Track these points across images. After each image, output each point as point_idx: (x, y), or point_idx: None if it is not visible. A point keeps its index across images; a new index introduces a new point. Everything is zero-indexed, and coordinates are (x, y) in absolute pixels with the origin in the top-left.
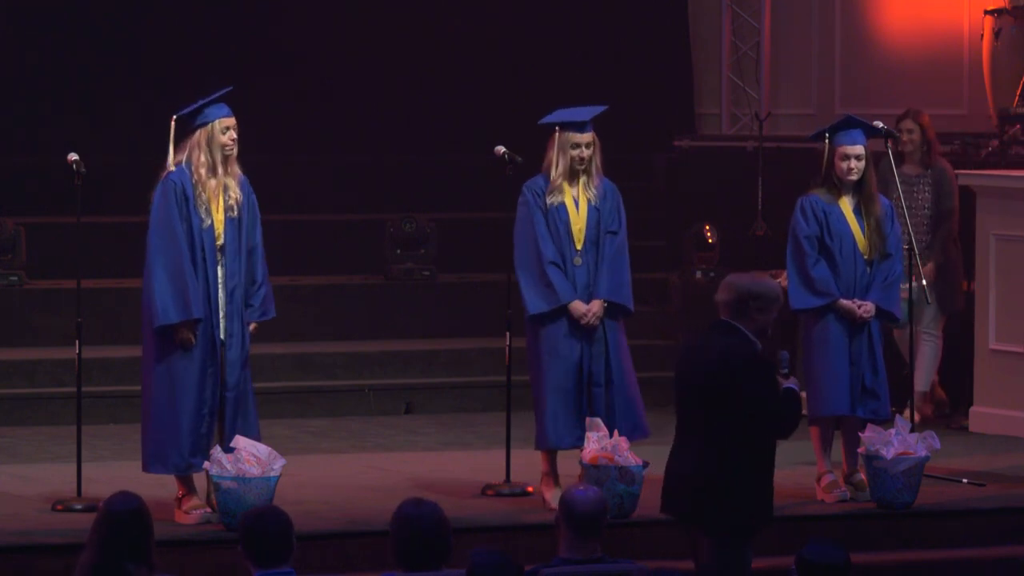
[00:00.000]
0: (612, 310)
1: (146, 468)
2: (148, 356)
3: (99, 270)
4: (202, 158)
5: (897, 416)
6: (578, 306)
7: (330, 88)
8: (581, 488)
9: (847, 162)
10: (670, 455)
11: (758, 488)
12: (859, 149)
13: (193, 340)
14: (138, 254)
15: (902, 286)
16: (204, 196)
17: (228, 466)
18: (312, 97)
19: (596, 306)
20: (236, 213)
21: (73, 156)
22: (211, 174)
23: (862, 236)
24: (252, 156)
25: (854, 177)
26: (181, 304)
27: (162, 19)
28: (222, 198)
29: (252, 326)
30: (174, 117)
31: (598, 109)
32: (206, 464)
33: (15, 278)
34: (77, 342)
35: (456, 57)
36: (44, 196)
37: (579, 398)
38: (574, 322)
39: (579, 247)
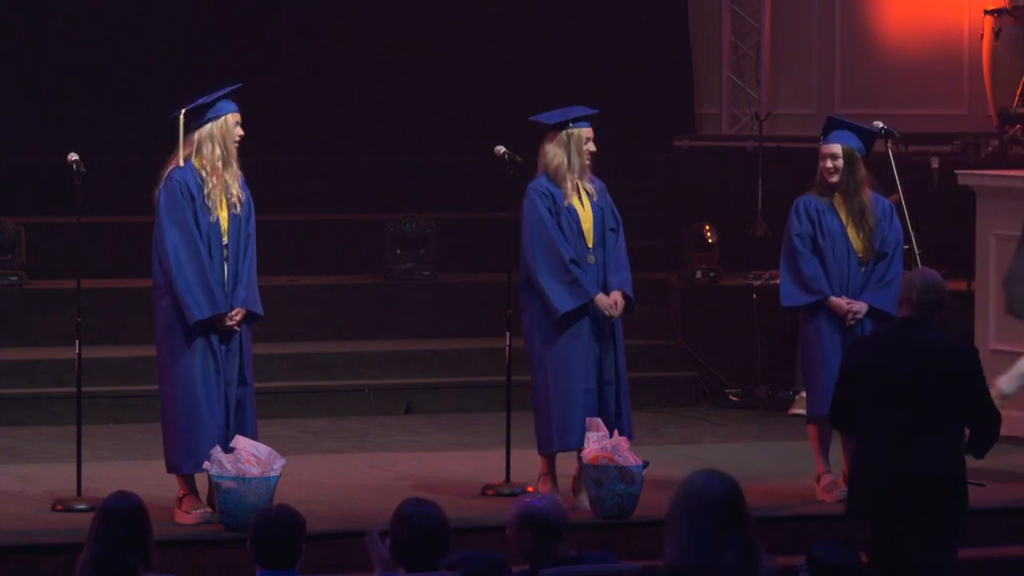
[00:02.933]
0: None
1: (176, 470)
2: (166, 356)
3: (99, 270)
4: (217, 151)
5: None
6: (603, 299)
7: (330, 88)
8: (537, 498)
9: (824, 162)
10: (879, 456)
11: (965, 480)
12: (835, 149)
13: (236, 328)
14: (138, 254)
15: None
16: (212, 191)
17: (228, 466)
18: (312, 97)
19: (619, 297)
20: (238, 211)
21: (73, 156)
22: (226, 168)
23: (856, 235)
24: (252, 156)
25: (834, 178)
26: (210, 298)
27: (162, 19)
28: (224, 195)
29: (238, 311)
30: (183, 111)
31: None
32: (206, 464)
33: (15, 278)
34: (77, 342)
35: (456, 57)
36: (44, 196)
37: (597, 396)
38: (594, 320)
39: (590, 245)
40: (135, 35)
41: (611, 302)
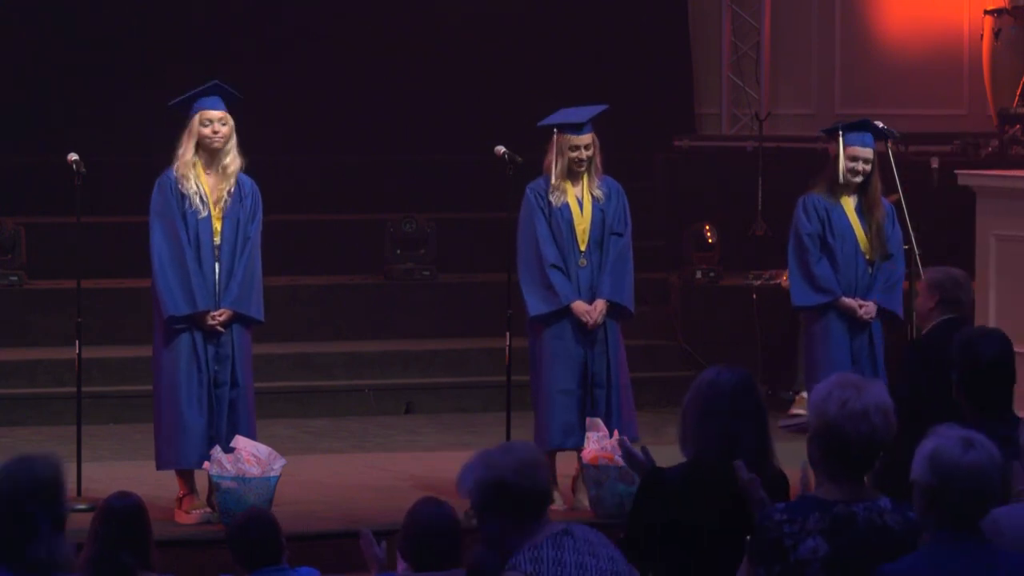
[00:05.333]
0: (612, 311)
1: (161, 466)
2: (156, 354)
3: (99, 270)
4: (190, 146)
5: None
6: (580, 305)
7: (330, 88)
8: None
9: (855, 163)
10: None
11: None
12: (868, 152)
13: (220, 328)
14: (138, 254)
15: None
16: (197, 187)
17: (228, 466)
18: (312, 97)
19: (600, 306)
20: (233, 211)
21: (73, 156)
22: (205, 165)
23: (864, 236)
24: (252, 156)
25: (859, 179)
26: (189, 296)
27: (162, 19)
28: (222, 195)
29: (222, 312)
30: (168, 105)
31: (597, 109)
32: (206, 464)
33: (15, 278)
34: (77, 342)
35: (456, 57)
36: (44, 196)
37: (582, 399)
38: (577, 324)
39: (583, 248)
40: (135, 35)
41: (588, 309)
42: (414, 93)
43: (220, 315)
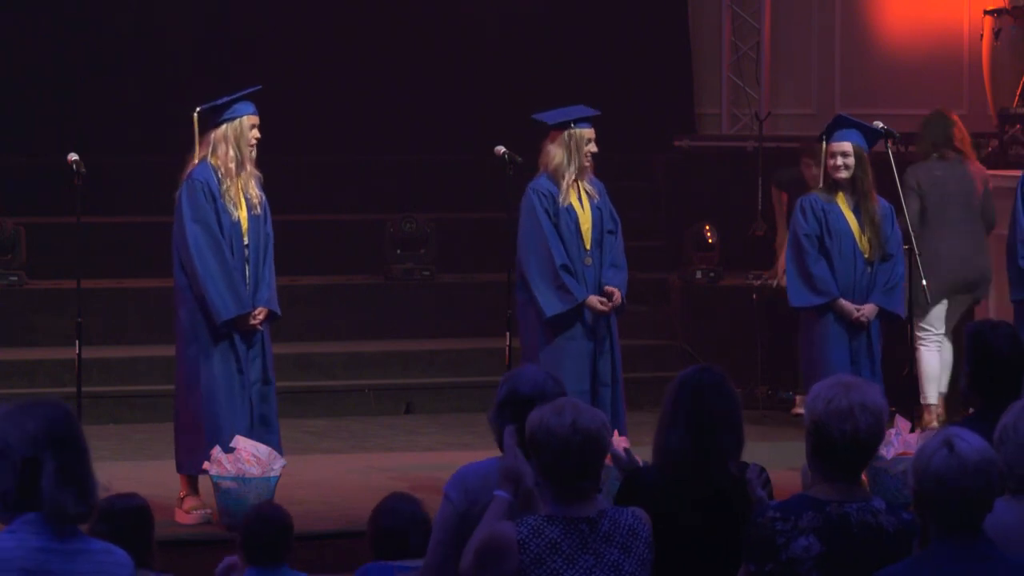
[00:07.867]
0: (616, 306)
1: (193, 470)
2: (189, 359)
3: (99, 270)
4: (230, 152)
5: (897, 416)
6: (594, 300)
7: (330, 88)
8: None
9: (834, 160)
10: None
11: None
12: (846, 147)
13: (260, 327)
14: (138, 254)
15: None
16: (232, 192)
17: (228, 466)
18: (312, 97)
19: (616, 295)
20: (259, 211)
21: (73, 156)
22: (240, 169)
23: (862, 235)
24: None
25: (843, 175)
26: (236, 298)
27: (162, 20)
28: (243, 196)
29: (261, 310)
30: (197, 110)
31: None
32: (206, 464)
33: (15, 278)
34: (77, 342)
35: (456, 57)
36: (44, 196)
37: (590, 398)
38: (586, 323)
39: (588, 247)
40: (136, 35)
41: (603, 299)
42: (414, 93)
43: (260, 314)
